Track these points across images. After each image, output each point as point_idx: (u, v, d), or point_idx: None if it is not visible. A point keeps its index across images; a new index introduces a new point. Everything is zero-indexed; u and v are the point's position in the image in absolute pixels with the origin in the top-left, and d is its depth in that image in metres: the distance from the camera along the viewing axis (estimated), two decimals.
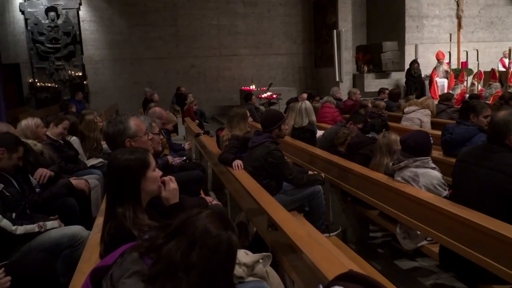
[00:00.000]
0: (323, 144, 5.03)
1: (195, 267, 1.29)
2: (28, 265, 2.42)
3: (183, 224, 1.37)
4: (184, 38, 15.64)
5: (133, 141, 2.51)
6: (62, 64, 14.26)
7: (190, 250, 1.30)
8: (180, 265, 1.29)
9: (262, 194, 3.10)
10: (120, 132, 2.53)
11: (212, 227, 1.33)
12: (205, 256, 1.30)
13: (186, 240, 1.32)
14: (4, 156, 2.82)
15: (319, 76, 16.19)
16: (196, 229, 1.33)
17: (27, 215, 2.88)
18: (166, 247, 1.33)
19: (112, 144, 2.54)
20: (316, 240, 2.24)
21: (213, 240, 1.31)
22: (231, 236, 1.35)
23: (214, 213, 1.41)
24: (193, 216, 1.38)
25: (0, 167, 2.84)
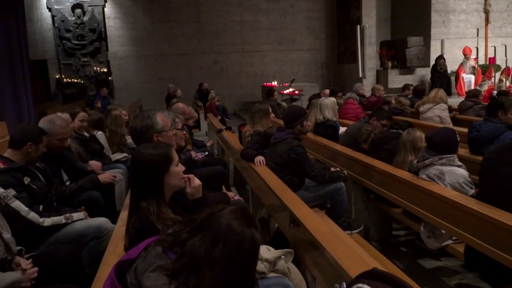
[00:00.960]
0: (345, 140, 4.98)
1: (219, 262, 1.30)
2: (55, 256, 2.48)
3: (207, 220, 1.38)
4: (207, 34, 15.72)
5: (160, 136, 2.54)
6: (87, 60, 14.54)
7: (214, 245, 1.31)
8: (203, 260, 1.31)
9: (284, 191, 3.09)
10: (148, 127, 2.56)
11: (236, 223, 1.35)
12: (228, 252, 1.31)
13: (210, 235, 1.33)
14: (32, 149, 2.88)
15: (342, 72, 16.03)
16: (220, 225, 1.34)
17: (54, 207, 2.95)
18: (190, 242, 1.35)
19: (139, 139, 2.56)
20: (338, 237, 2.23)
21: (236, 237, 1.33)
22: (254, 233, 1.36)
23: (238, 209, 1.43)
24: (217, 212, 1.39)
25: (30, 159, 2.90)
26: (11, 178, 2.70)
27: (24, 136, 2.88)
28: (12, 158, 2.83)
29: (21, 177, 2.75)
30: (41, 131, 3.01)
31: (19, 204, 2.64)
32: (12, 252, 2.22)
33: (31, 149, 2.87)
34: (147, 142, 2.46)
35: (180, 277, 1.31)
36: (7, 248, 2.18)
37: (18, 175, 2.75)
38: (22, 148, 2.86)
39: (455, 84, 12.64)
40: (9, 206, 2.59)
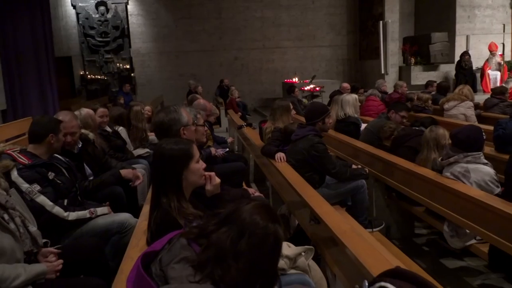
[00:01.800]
0: (367, 137, 4.93)
1: (244, 254, 1.33)
2: (79, 249, 2.53)
3: (233, 214, 1.41)
4: (228, 30, 15.75)
5: (186, 130, 2.56)
6: (111, 57, 14.78)
7: (239, 238, 1.34)
8: (229, 252, 1.33)
9: (305, 187, 3.08)
10: (176, 120, 2.58)
11: (260, 218, 1.37)
12: (253, 245, 1.34)
13: (235, 228, 1.36)
14: (54, 140, 2.91)
15: (364, 69, 15.85)
16: (245, 219, 1.37)
17: (78, 201, 3.01)
18: (216, 234, 1.38)
19: (166, 132, 2.57)
20: (359, 234, 2.21)
21: (261, 231, 1.35)
22: (278, 228, 1.39)
23: (262, 205, 1.45)
24: (242, 207, 1.42)
25: (53, 151, 2.95)
26: (36, 173, 2.75)
27: (45, 129, 2.91)
28: (35, 153, 2.87)
29: (45, 172, 2.81)
30: (57, 121, 3.05)
31: (44, 199, 2.69)
32: (38, 245, 2.27)
33: (53, 140, 2.90)
34: (173, 135, 2.49)
35: (205, 268, 1.33)
36: (34, 241, 2.24)
37: (43, 170, 2.80)
38: (44, 140, 2.88)
39: (480, 81, 12.36)
40: (34, 201, 2.66)
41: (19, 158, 2.75)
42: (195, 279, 1.32)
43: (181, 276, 1.34)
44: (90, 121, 4.11)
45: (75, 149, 3.46)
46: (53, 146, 2.92)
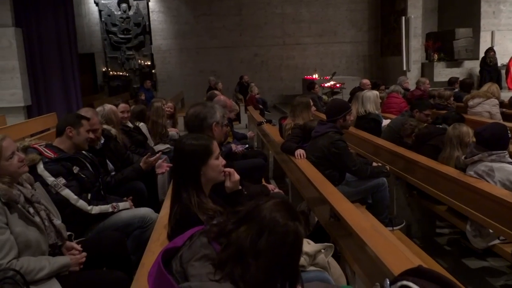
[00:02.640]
0: (388, 135, 4.88)
1: (264, 253, 1.32)
2: (102, 243, 2.58)
3: (252, 212, 1.40)
4: (248, 27, 15.75)
5: (217, 126, 2.59)
6: (132, 53, 14.96)
7: (259, 236, 1.33)
8: (249, 251, 1.33)
9: (325, 184, 3.07)
10: (211, 114, 2.60)
11: (280, 216, 1.36)
12: (273, 243, 1.33)
13: (255, 226, 1.35)
14: (73, 133, 2.95)
15: (385, 65, 15.64)
16: (265, 217, 1.36)
17: (101, 196, 3.06)
18: (236, 233, 1.38)
19: (198, 126, 2.59)
20: (380, 232, 2.19)
21: (281, 229, 1.34)
22: (298, 226, 1.37)
23: (282, 202, 1.44)
24: (262, 205, 1.41)
25: (76, 145, 2.99)
26: (61, 167, 2.81)
27: (63, 122, 2.99)
28: (60, 147, 2.93)
29: (70, 166, 2.86)
30: (79, 116, 3.08)
31: (69, 193, 2.75)
32: (62, 238, 2.32)
33: (71, 133, 2.94)
34: (205, 128, 2.52)
35: (225, 267, 1.33)
36: (58, 233, 2.29)
37: (68, 164, 2.85)
38: (63, 133, 2.94)
39: (505, 78, 12.06)
40: (59, 194, 2.71)
41: (45, 152, 2.82)
42: (215, 277, 1.32)
43: (201, 274, 1.34)
44: (113, 117, 4.16)
45: (98, 145, 3.52)
46: (73, 140, 2.96)
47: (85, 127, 3.03)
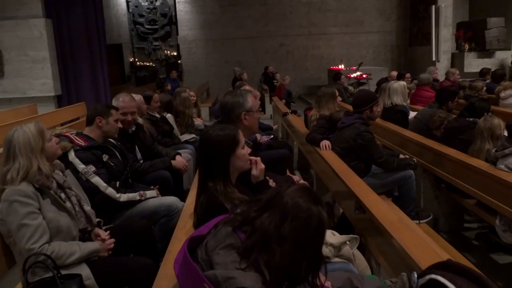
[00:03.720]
0: (416, 126, 4.78)
1: (288, 238, 1.33)
2: (130, 229, 2.63)
3: (274, 198, 1.41)
4: (273, 17, 15.65)
5: (248, 115, 2.57)
6: (159, 44, 15.12)
7: (282, 222, 1.34)
8: (273, 237, 1.33)
9: (351, 176, 3.04)
10: (239, 104, 2.58)
11: (302, 201, 1.36)
12: (296, 228, 1.33)
13: (278, 212, 1.36)
14: (102, 123, 3.01)
15: (414, 56, 15.29)
16: (287, 203, 1.36)
17: (129, 184, 3.12)
18: (259, 220, 1.38)
19: (228, 115, 2.59)
20: (407, 225, 2.16)
21: (304, 214, 1.34)
22: (320, 210, 1.37)
23: (303, 188, 1.44)
24: (283, 191, 1.41)
25: (105, 134, 3.06)
26: (91, 155, 2.87)
27: (93, 112, 3.04)
28: (90, 135, 3.00)
29: (100, 154, 2.92)
30: (108, 106, 3.15)
31: (98, 180, 2.81)
32: (92, 224, 2.38)
33: (101, 123, 3.00)
34: (234, 118, 2.51)
35: (251, 255, 1.34)
36: (88, 219, 2.35)
37: (98, 152, 2.92)
38: (93, 123, 3.01)
39: None
40: (89, 182, 2.78)
41: (76, 140, 2.89)
42: (240, 266, 1.32)
43: (226, 262, 1.35)
44: (143, 106, 4.26)
45: (131, 128, 3.61)
46: (103, 129, 3.02)
47: (114, 116, 3.08)
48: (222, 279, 1.28)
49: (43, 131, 2.20)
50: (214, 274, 1.31)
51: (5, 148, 2.13)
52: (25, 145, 2.10)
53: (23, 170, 2.06)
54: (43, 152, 2.16)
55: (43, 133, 2.19)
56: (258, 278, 1.30)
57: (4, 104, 8.53)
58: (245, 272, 1.31)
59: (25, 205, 2.02)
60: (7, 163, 2.11)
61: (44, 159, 2.15)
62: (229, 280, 1.28)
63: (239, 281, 1.27)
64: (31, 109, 7.91)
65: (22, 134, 2.12)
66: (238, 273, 1.30)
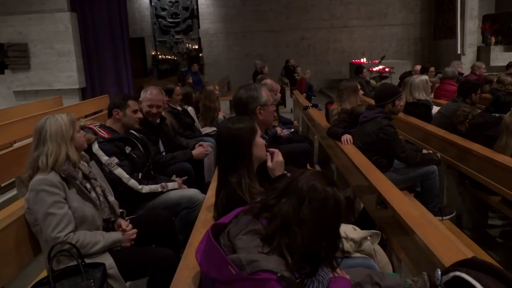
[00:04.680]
0: (440, 121, 4.69)
1: (307, 220, 1.38)
2: (152, 221, 2.67)
3: (290, 184, 1.46)
4: (295, 10, 15.53)
5: (262, 109, 2.57)
6: (180, 37, 15.21)
7: (301, 205, 1.40)
8: (293, 220, 1.39)
9: (372, 171, 3.01)
10: (254, 98, 2.58)
11: (317, 183, 1.42)
12: (314, 209, 1.39)
13: (295, 196, 1.41)
14: (120, 115, 3.05)
15: (438, 49, 14.97)
16: (303, 187, 1.42)
17: (151, 175, 3.16)
18: (278, 206, 1.43)
19: (243, 109, 2.59)
20: (430, 221, 2.13)
21: (320, 195, 1.40)
22: (336, 191, 1.43)
23: (317, 172, 1.50)
24: (298, 177, 1.47)
25: (125, 125, 3.09)
26: (114, 147, 2.92)
27: (111, 105, 3.11)
28: (113, 127, 3.05)
29: (123, 146, 2.97)
30: (124, 97, 3.16)
31: (121, 172, 2.86)
32: (115, 214, 2.42)
33: (118, 115, 3.05)
34: (249, 112, 2.51)
35: (273, 241, 1.38)
36: (112, 209, 2.39)
37: (120, 144, 2.96)
38: (112, 115, 3.07)
39: None
40: (112, 173, 2.82)
41: (100, 132, 2.94)
42: (263, 250, 1.36)
43: (249, 246, 1.39)
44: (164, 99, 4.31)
45: (157, 120, 3.67)
46: (122, 121, 3.06)
47: (131, 107, 3.09)
48: (245, 262, 1.32)
49: (74, 121, 2.27)
50: (238, 257, 1.35)
51: (36, 134, 2.19)
52: (56, 132, 2.16)
53: (52, 156, 2.12)
54: (72, 141, 2.22)
55: (74, 123, 2.26)
56: (280, 261, 1.34)
57: (31, 96, 8.74)
58: (269, 255, 1.35)
59: (51, 195, 2.06)
60: (37, 148, 2.16)
61: (73, 148, 2.21)
62: (252, 263, 1.31)
63: (262, 264, 1.30)
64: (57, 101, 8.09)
65: (54, 121, 2.19)
66: (261, 257, 1.34)
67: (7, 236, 2.12)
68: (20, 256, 2.20)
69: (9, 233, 2.13)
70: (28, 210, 2.14)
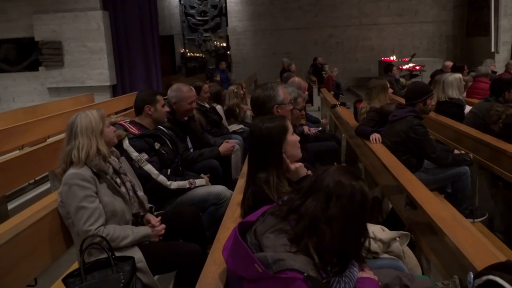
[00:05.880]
0: (472, 120, 4.56)
1: (335, 217, 1.37)
2: (180, 216, 2.70)
3: (315, 183, 1.44)
4: (323, 7, 15.41)
5: (280, 108, 2.57)
6: (209, 35, 15.34)
7: (328, 203, 1.38)
8: (321, 219, 1.37)
9: (402, 171, 2.96)
10: (270, 97, 2.59)
11: (343, 179, 1.40)
12: (342, 206, 1.37)
13: (322, 195, 1.40)
14: (151, 111, 3.10)
15: (471, 46, 14.57)
16: (329, 184, 1.40)
17: (179, 172, 3.20)
18: (304, 206, 1.42)
19: (260, 109, 2.61)
20: (461, 223, 2.07)
21: (347, 190, 1.38)
22: (362, 185, 1.41)
23: (341, 167, 1.49)
24: (322, 174, 1.45)
25: (156, 121, 3.14)
26: (144, 143, 2.96)
27: (141, 101, 3.12)
28: (142, 123, 3.09)
29: (152, 143, 3.01)
30: (153, 93, 3.20)
31: (151, 168, 2.90)
32: (144, 209, 2.47)
33: (150, 111, 3.09)
34: (266, 112, 2.51)
35: (301, 241, 1.36)
36: (141, 204, 2.44)
37: (150, 141, 3.01)
38: (142, 112, 3.10)
39: None
40: (142, 169, 2.87)
41: (130, 128, 3.00)
42: (290, 249, 1.35)
43: (275, 245, 1.38)
44: None
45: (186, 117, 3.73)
46: (153, 116, 3.11)
47: (161, 102, 3.14)
48: (272, 261, 1.31)
49: (104, 116, 2.33)
50: (265, 256, 1.34)
51: (68, 129, 2.27)
52: (87, 126, 2.23)
53: (84, 149, 2.18)
54: (102, 135, 2.28)
55: (104, 118, 2.32)
56: (307, 260, 1.33)
57: (64, 92, 9.00)
58: (296, 255, 1.34)
59: (83, 189, 2.12)
60: (69, 143, 2.24)
61: (102, 142, 2.27)
62: (278, 261, 1.30)
63: (288, 263, 1.29)
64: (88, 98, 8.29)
65: (84, 116, 2.26)
66: (287, 255, 1.33)
67: (41, 228, 2.18)
68: (53, 248, 2.26)
69: (43, 226, 2.20)
70: (61, 204, 2.20)
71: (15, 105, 8.98)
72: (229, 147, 3.86)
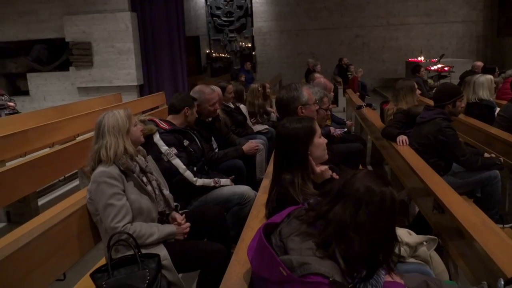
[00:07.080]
0: (501, 123, 4.44)
1: (365, 224, 1.33)
2: (204, 215, 2.72)
3: (344, 188, 1.41)
4: (350, 7, 15.27)
5: (304, 109, 2.56)
6: (234, 36, 15.42)
7: (357, 209, 1.34)
8: (350, 225, 1.34)
9: (429, 174, 2.90)
10: (294, 98, 2.59)
11: (374, 185, 1.36)
12: (372, 212, 1.33)
13: (351, 201, 1.36)
14: (189, 113, 3.26)
15: (502, 47, 14.16)
16: (358, 189, 1.36)
17: (205, 170, 3.24)
18: (332, 212, 1.38)
19: (285, 109, 2.61)
20: (491, 229, 2.02)
21: (377, 197, 1.34)
22: (392, 191, 1.37)
23: (370, 172, 1.44)
24: (351, 179, 1.41)
25: (188, 122, 3.29)
26: (174, 138, 3.04)
27: (182, 102, 3.26)
28: (173, 122, 3.21)
29: (181, 139, 3.09)
30: (193, 98, 3.41)
31: (179, 162, 2.96)
32: (170, 207, 2.50)
33: (188, 113, 3.25)
34: (291, 112, 2.51)
35: (329, 247, 1.34)
36: (166, 203, 2.47)
37: (180, 137, 3.09)
38: (180, 112, 3.24)
39: None
40: (170, 163, 2.94)
41: (161, 124, 3.11)
42: (316, 254, 1.33)
43: (301, 248, 1.37)
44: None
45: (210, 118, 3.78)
46: (188, 118, 3.26)
47: (196, 107, 3.36)
48: (297, 264, 1.30)
49: (130, 115, 2.38)
50: (290, 259, 1.33)
51: (96, 128, 2.33)
52: (114, 125, 2.28)
53: (112, 148, 2.23)
54: (129, 134, 2.33)
55: (130, 117, 2.37)
56: (333, 265, 1.31)
57: (93, 92, 9.20)
58: (322, 259, 1.32)
59: (111, 186, 2.17)
60: (97, 141, 2.29)
61: (129, 141, 2.32)
62: (304, 265, 1.29)
63: (313, 267, 1.28)
64: (116, 98, 8.45)
65: (111, 116, 2.31)
66: (313, 259, 1.31)
67: (70, 224, 2.24)
68: (81, 244, 2.32)
69: (72, 222, 2.25)
70: (90, 201, 2.25)
71: (46, 104, 9.24)
72: (253, 147, 3.89)
